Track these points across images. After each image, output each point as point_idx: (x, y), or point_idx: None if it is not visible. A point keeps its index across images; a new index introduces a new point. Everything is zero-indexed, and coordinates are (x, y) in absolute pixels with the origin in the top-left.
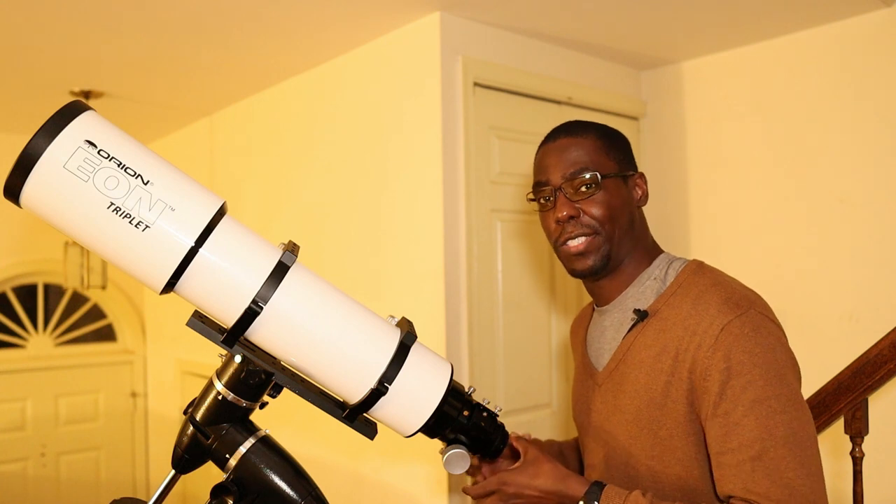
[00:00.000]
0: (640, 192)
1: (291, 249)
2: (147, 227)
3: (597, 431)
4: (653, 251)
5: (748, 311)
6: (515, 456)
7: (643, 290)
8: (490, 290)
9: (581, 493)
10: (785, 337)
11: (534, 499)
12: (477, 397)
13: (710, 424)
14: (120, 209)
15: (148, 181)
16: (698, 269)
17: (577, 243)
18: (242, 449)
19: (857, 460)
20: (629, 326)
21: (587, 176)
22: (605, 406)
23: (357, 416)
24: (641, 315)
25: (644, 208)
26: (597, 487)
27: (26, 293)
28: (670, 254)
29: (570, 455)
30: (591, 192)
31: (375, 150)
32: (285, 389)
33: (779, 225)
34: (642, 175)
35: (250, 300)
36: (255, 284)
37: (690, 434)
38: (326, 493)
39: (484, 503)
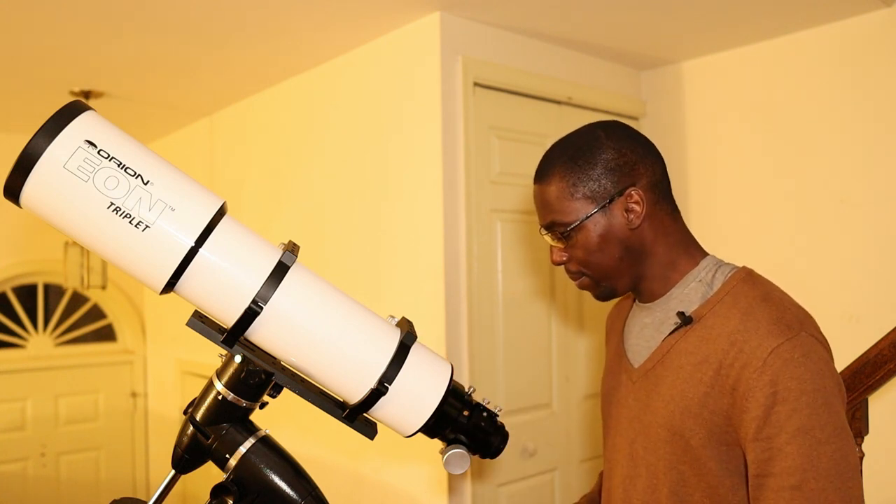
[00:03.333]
0: (631, 215)
1: (291, 249)
2: (147, 227)
3: (625, 428)
4: (693, 252)
5: (799, 333)
6: None
7: (687, 291)
8: (490, 290)
9: None
10: (831, 358)
11: None
12: (477, 397)
13: (752, 447)
14: (120, 209)
15: (148, 181)
16: (748, 277)
17: (577, 283)
18: (242, 449)
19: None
20: (671, 328)
21: (555, 230)
22: (637, 403)
23: (357, 416)
24: (685, 320)
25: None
26: None
27: (26, 293)
28: (716, 257)
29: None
30: (566, 240)
31: (375, 150)
32: (285, 389)
33: (779, 225)
34: (636, 190)
35: (250, 300)
36: (255, 284)
37: (723, 444)
38: (326, 493)
39: None
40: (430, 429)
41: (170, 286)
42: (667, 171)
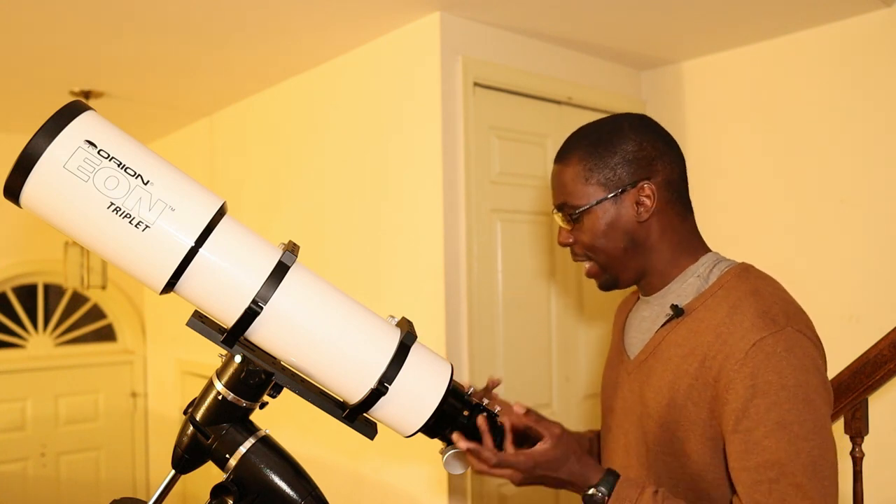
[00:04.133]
0: (640, 209)
1: (291, 249)
2: (147, 227)
3: (620, 418)
4: (696, 249)
5: (784, 328)
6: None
7: (685, 286)
8: (490, 290)
9: (596, 479)
10: (821, 356)
11: (551, 479)
12: (477, 397)
13: (731, 439)
14: (120, 209)
15: (148, 181)
16: (743, 272)
17: (586, 270)
18: (242, 449)
19: (857, 460)
20: (664, 320)
21: (565, 211)
22: (631, 394)
23: (357, 416)
24: (677, 312)
25: None
26: (611, 477)
27: (26, 293)
28: (719, 254)
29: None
30: (575, 222)
31: (375, 150)
32: (285, 389)
33: (779, 225)
34: (649, 184)
35: (250, 300)
36: (255, 284)
37: (707, 438)
38: (326, 493)
39: (490, 475)
40: (430, 429)
41: (170, 286)
42: (686, 172)
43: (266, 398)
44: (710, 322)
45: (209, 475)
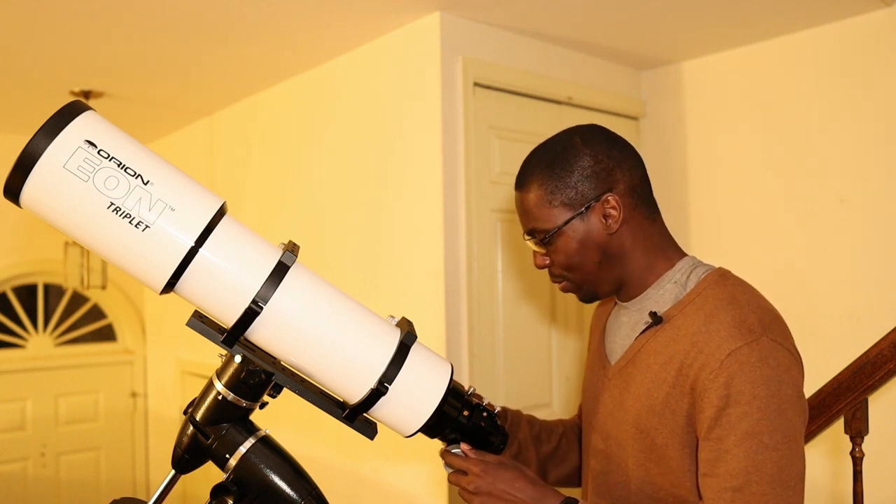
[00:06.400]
0: (609, 221)
1: (291, 249)
2: (147, 227)
3: (601, 424)
4: (671, 254)
5: (759, 338)
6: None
7: (662, 292)
8: (490, 290)
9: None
10: (797, 367)
11: (504, 501)
12: (477, 397)
13: (702, 446)
14: (120, 209)
15: (148, 181)
16: (720, 279)
17: (560, 286)
18: (242, 449)
19: (857, 460)
20: (643, 327)
21: (536, 237)
22: (611, 400)
23: (357, 416)
24: (656, 320)
25: None
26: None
27: (26, 293)
28: (695, 258)
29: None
30: (547, 245)
31: (375, 150)
32: (285, 389)
33: (779, 225)
34: (612, 195)
35: (250, 300)
36: (255, 284)
37: (686, 446)
38: (326, 493)
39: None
40: (430, 429)
41: (170, 286)
42: (647, 174)
43: (266, 398)
44: (688, 330)
45: (209, 475)
